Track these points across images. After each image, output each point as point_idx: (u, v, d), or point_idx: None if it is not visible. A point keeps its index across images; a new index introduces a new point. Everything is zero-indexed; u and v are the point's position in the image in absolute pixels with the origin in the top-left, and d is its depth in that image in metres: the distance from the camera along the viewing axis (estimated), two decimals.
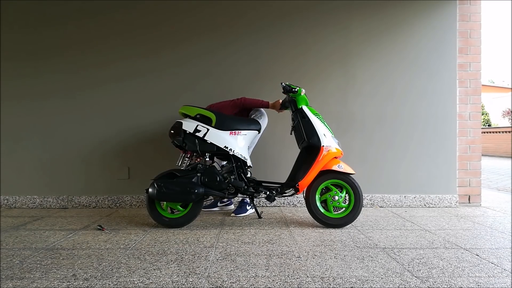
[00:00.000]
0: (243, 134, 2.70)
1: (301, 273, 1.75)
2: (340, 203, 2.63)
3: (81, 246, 2.20)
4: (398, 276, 1.73)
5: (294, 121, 2.71)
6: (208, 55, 3.43)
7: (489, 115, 23.84)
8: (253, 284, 1.63)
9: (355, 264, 1.89)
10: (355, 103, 3.47)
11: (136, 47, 3.43)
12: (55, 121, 3.44)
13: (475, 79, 3.50)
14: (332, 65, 3.46)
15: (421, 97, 3.47)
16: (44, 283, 1.64)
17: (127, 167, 3.44)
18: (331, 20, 3.45)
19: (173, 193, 2.51)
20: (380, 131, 3.47)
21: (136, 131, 3.46)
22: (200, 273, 1.75)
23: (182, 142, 2.61)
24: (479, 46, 3.50)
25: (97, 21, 3.43)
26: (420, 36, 3.46)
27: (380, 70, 3.47)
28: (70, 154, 3.44)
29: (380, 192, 3.47)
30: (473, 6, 3.48)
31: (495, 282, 1.66)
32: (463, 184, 3.51)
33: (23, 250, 2.11)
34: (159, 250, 2.11)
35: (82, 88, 3.44)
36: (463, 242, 2.29)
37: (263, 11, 3.43)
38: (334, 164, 2.61)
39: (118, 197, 3.44)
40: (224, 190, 2.65)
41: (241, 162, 2.71)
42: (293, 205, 3.46)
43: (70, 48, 3.43)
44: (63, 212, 3.23)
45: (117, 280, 1.67)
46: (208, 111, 2.67)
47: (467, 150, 3.50)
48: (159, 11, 3.43)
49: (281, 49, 3.45)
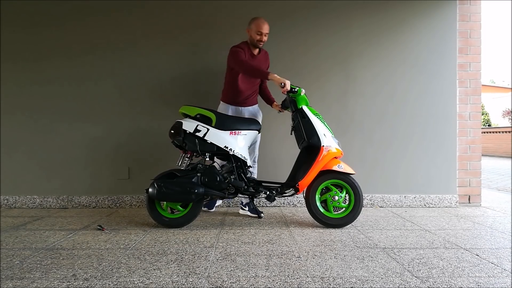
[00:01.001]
0: (243, 134, 2.70)
1: (301, 273, 1.75)
2: (340, 203, 2.63)
3: (81, 246, 2.20)
4: (398, 276, 1.73)
5: (294, 121, 2.71)
6: (209, 55, 3.43)
7: (489, 115, 23.84)
8: (253, 284, 1.63)
9: (355, 264, 1.89)
10: (355, 103, 3.47)
11: (136, 47, 3.44)
12: (55, 121, 3.44)
13: (475, 79, 3.50)
14: (332, 65, 3.46)
15: (421, 97, 3.47)
16: (44, 283, 1.64)
17: (127, 167, 3.44)
18: (332, 21, 3.46)
19: (173, 193, 2.51)
20: (380, 131, 3.47)
21: (136, 131, 3.46)
22: (200, 273, 1.75)
23: (182, 142, 2.61)
24: (479, 46, 3.50)
25: (97, 21, 3.43)
26: (420, 36, 3.47)
27: (380, 70, 3.47)
28: (70, 154, 3.44)
29: (380, 192, 3.47)
30: (473, 6, 3.49)
31: (495, 282, 1.66)
32: (463, 184, 3.51)
33: (23, 250, 2.11)
34: (159, 250, 2.11)
35: (82, 88, 3.44)
36: (463, 242, 2.29)
37: (263, 11, 3.43)
38: (334, 164, 2.61)
39: (118, 197, 3.44)
40: (224, 190, 2.65)
41: (241, 162, 2.71)
42: (293, 205, 3.46)
43: (70, 48, 3.43)
44: (63, 212, 3.23)
45: (117, 280, 1.67)
46: (208, 111, 2.67)
47: (467, 150, 3.50)
48: (159, 10, 3.43)
49: (281, 49, 3.45)
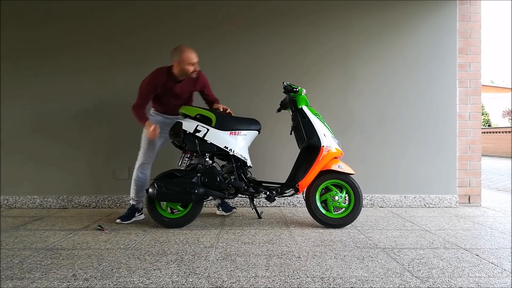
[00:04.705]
0: (243, 134, 2.70)
1: (301, 273, 1.75)
2: (340, 203, 2.63)
3: (81, 246, 2.20)
4: (398, 276, 1.73)
5: (294, 121, 2.71)
6: (207, 53, 3.43)
7: (489, 115, 23.84)
8: (253, 284, 1.63)
9: (355, 264, 1.89)
10: (355, 103, 3.47)
11: (136, 47, 3.43)
12: (55, 121, 3.44)
13: (475, 79, 3.50)
14: (332, 64, 3.46)
15: (421, 97, 3.47)
16: (44, 283, 1.64)
17: (127, 167, 3.44)
18: (331, 19, 3.45)
19: (173, 193, 2.51)
20: (380, 131, 3.47)
21: (136, 131, 3.45)
22: (200, 273, 1.75)
23: (182, 142, 2.61)
24: (479, 46, 3.50)
25: (98, 21, 3.43)
26: (420, 36, 3.46)
27: (380, 70, 3.47)
28: (70, 154, 3.44)
29: (380, 192, 3.47)
30: (473, 6, 3.49)
31: (495, 282, 1.66)
32: (463, 184, 3.51)
33: (23, 250, 2.11)
34: (159, 250, 2.11)
35: (82, 88, 3.44)
36: (463, 242, 2.29)
37: (262, 10, 3.43)
38: (334, 164, 2.61)
39: (118, 197, 3.44)
40: (224, 190, 2.65)
41: (241, 162, 2.71)
42: (293, 205, 3.46)
43: (71, 48, 3.43)
44: (63, 212, 3.23)
45: (117, 280, 1.67)
46: (208, 112, 2.67)
47: (467, 150, 3.50)
48: (158, 10, 3.43)
49: (280, 48, 3.45)
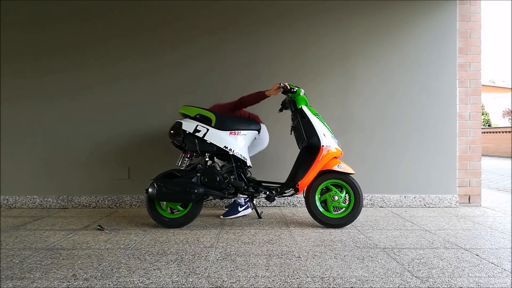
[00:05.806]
0: (243, 134, 2.70)
1: (301, 273, 1.75)
2: (340, 203, 2.63)
3: (81, 246, 2.20)
4: (398, 276, 1.73)
5: (294, 121, 2.71)
6: (208, 55, 3.43)
7: (489, 115, 23.83)
8: (253, 284, 1.63)
9: (355, 264, 1.89)
10: (355, 103, 3.46)
11: (136, 48, 3.44)
12: (55, 121, 3.44)
13: (475, 79, 3.50)
14: (332, 64, 3.46)
15: (421, 97, 3.46)
16: (44, 283, 1.64)
17: (127, 167, 3.44)
18: (331, 20, 3.45)
19: (173, 193, 2.51)
20: (380, 131, 3.47)
21: (136, 131, 3.46)
22: (200, 273, 1.75)
23: (182, 142, 2.61)
24: (479, 46, 3.50)
25: (98, 22, 3.43)
26: (420, 36, 3.46)
27: (380, 70, 3.46)
28: (70, 154, 3.44)
29: (380, 192, 3.47)
30: (473, 6, 3.49)
31: (495, 282, 1.66)
32: (463, 184, 3.51)
33: (23, 250, 2.11)
34: (159, 250, 2.11)
35: (82, 88, 3.44)
36: (463, 242, 2.29)
37: (262, 10, 3.43)
38: (334, 164, 2.60)
39: (118, 197, 3.44)
40: (224, 190, 2.65)
41: (241, 162, 2.71)
42: (293, 205, 3.46)
43: (71, 48, 3.43)
44: (63, 212, 3.23)
45: (117, 280, 1.67)
46: (208, 111, 2.67)
47: (467, 150, 3.50)
48: (159, 12, 3.43)
49: (280, 49, 3.45)
